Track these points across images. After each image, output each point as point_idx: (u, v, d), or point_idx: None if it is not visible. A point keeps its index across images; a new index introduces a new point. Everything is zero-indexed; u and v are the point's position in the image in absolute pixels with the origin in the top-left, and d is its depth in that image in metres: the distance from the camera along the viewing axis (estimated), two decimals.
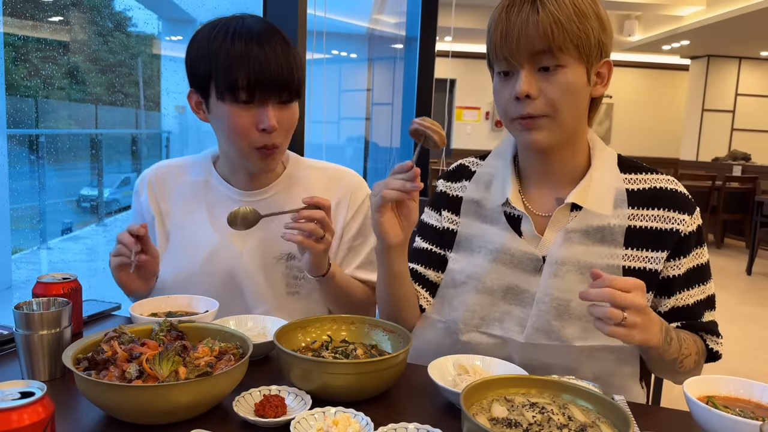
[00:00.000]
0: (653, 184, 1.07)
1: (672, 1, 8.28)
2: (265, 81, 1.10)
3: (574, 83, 0.98)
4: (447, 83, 4.57)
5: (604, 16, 1.00)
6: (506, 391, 0.78)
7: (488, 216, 1.12)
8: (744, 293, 5.67)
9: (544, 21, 0.95)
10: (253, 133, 1.14)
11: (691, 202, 1.07)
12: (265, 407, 0.80)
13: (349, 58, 6.84)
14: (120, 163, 4.98)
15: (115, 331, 0.89)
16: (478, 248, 1.11)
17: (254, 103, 1.12)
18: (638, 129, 11.72)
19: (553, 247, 1.04)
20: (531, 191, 1.11)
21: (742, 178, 7.83)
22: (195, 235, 1.26)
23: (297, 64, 1.15)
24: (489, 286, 1.08)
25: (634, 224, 1.04)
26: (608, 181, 1.05)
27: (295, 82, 1.14)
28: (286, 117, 1.16)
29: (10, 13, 2.96)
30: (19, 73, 3.16)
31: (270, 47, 1.11)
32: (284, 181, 1.29)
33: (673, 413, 0.92)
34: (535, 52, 0.96)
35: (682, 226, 1.04)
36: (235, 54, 1.09)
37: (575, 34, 0.96)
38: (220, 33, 1.12)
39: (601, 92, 1.05)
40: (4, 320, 1.10)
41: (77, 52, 3.59)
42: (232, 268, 1.24)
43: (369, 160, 6.20)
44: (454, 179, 1.21)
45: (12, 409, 0.59)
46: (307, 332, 1.03)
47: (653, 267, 1.04)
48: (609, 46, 1.02)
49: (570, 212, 1.06)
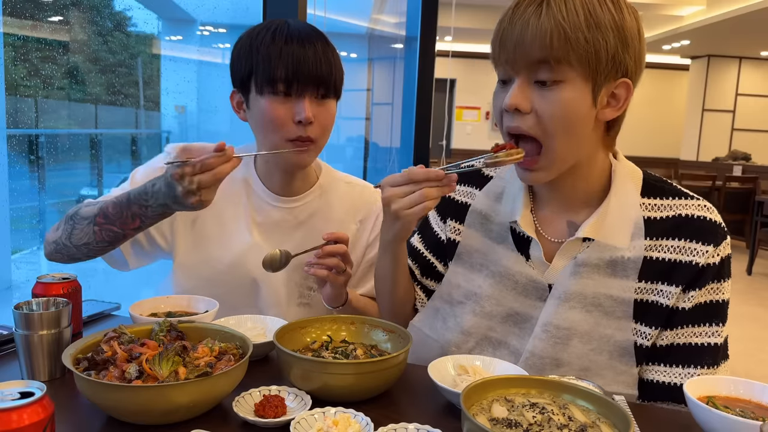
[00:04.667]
0: (678, 212, 0.96)
1: (672, 1, 8.28)
2: (304, 74, 1.12)
3: (573, 103, 0.86)
4: (447, 83, 4.56)
5: (632, 29, 0.86)
6: (506, 392, 0.78)
7: (495, 232, 1.05)
8: (744, 293, 5.67)
9: (544, 27, 0.83)
10: (290, 125, 1.14)
11: (720, 230, 0.95)
12: (265, 407, 0.80)
13: (349, 58, 6.84)
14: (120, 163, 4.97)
15: (115, 331, 0.89)
16: (480, 266, 1.06)
17: (292, 96, 1.13)
18: (638, 129, 11.71)
19: (561, 277, 0.97)
20: (543, 212, 1.03)
21: (742, 178, 7.84)
22: (230, 233, 1.25)
23: (336, 63, 1.17)
24: (488, 311, 1.03)
25: (650, 255, 0.95)
26: (626, 210, 0.96)
27: (333, 80, 1.17)
28: (323, 113, 1.17)
29: (10, 13, 2.96)
30: (19, 73, 3.16)
31: (310, 45, 1.13)
32: (318, 190, 1.30)
33: (673, 413, 0.92)
34: (533, 61, 0.86)
35: (701, 258, 0.93)
36: (275, 49, 1.12)
37: (581, 46, 0.83)
38: (263, 31, 1.15)
39: (611, 116, 0.92)
40: (4, 320, 1.10)
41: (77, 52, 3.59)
42: (257, 270, 1.21)
43: (369, 160, 6.20)
44: (466, 182, 1.14)
45: (12, 409, 0.59)
46: (307, 332, 1.03)
47: (665, 302, 0.94)
48: (632, 66, 0.88)
49: (582, 242, 0.97)
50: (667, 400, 0.97)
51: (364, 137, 6.57)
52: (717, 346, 0.96)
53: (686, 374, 0.95)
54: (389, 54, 6.00)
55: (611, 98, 0.90)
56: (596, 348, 0.96)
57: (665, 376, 0.97)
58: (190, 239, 1.26)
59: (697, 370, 0.95)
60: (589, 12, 0.83)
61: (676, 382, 0.96)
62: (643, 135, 11.76)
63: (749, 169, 8.69)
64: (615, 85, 0.89)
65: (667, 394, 0.97)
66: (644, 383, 0.98)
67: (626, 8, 0.88)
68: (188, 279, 1.25)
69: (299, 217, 1.27)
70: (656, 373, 0.97)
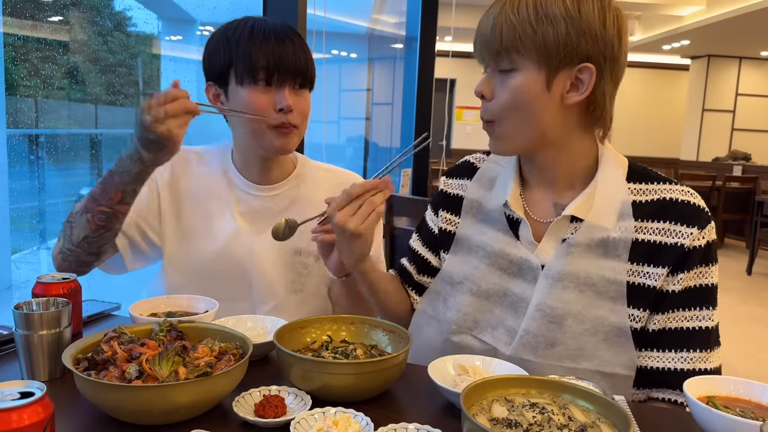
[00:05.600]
0: (662, 195, 1.00)
1: (672, 1, 8.28)
2: (284, 65, 1.17)
3: (523, 88, 0.94)
4: (447, 83, 4.56)
5: (590, 18, 0.91)
6: (506, 392, 0.78)
7: (488, 216, 1.10)
8: (744, 293, 5.67)
9: (497, 21, 0.93)
10: (271, 113, 1.19)
11: (704, 215, 0.98)
12: (265, 407, 0.80)
13: (349, 57, 6.84)
14: None
15: (115, 331, 0.89)
16: (476, 248, 1.10)
17: (272, 86, 1.18)
18: (638, 129, 11.72)
19: (554, 258, 1.00)
20: (532, 194, 1.08)
21: (742, 178, 7.84)
22: (215, 223, 1.28)
23: (310, 58, 1.24)
24: (485, 289, 1.06)
25: (639, 237, 0.98)
26: (613, 192, 1.00)
27: (309, 72, 1.23)
28: (301, 101, 1.22)
29: (10, 13, 2.96)
30: (19, 73, 3.16)
31: (288, 40, 1.19)
32: (295, 178, 1.33)
33: (673, 413, 0.92)
34: (493, 52, 0.95)
35: (687, 241, 0.96)
36: (255, 41, 1.17)
37: (528, 37, 0.91)
38: (240, 26, 1.20)
39: (577, 99, 0.95)
40: (4, 320, 1.10)
41: (77, 52, 3.59)
42: (245, 258, 1.26)
43: (369, 160, 6.20)
44: (456, 176, 1.19)
45: (12, 409, 0.59)
46: (307, 332, 1.03)
47: (652, 284, 0.97)
48: (590, 50, 0.92)
49: (570, 223, 1.01)
50: (663, 387, 0.98)
51: (364, 137, 6.57)
52: (708, 329, 0.97)
53: (679, 358, 0.97)
54: (389, 54, 6.01)
55: (575, 82, 0.95)
56: (590, 328, 0.97)
57: (659, 362, 0.98)
58: (176, 234, 1.28)
59: (689, 353, 0.97)
60: (538, 6, 0.92)
61: (670, 367, 0.97)
62: (642, 135, 11.77)
63: (749, 169, 8.69)
64: (576, 70, 0.94)
65: (662, 380, 0.98)
66: (638, 371, 0.99)
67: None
68: (177, 273, 1.26)
69: (280, 204, 1.30)
70: (650, 359, 0.99)
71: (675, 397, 0.97)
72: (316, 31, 2.98)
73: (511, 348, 1.00)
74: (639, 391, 1.00)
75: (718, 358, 0.98)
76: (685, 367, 0.96)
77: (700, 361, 0.97)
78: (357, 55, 6.91)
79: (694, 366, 0.96)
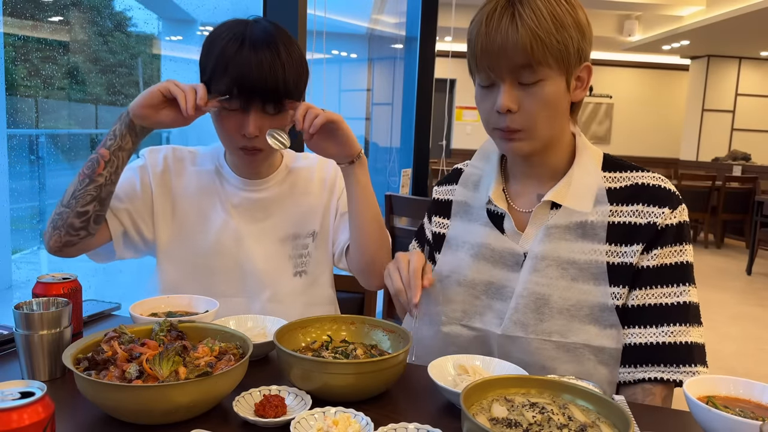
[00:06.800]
0: (635, 181, 1.06)
1: (672, 1, 8.28)
2: (248, 88, 1.13)
3: (554, 96, 0.98)
4: (447, 83, 4.55)
5: (584, 22, 0.99)
6: (506, 391, 0.78)
7: (474, 214, 1.15)
8: (744, 293, 5.67)
9: (523, 37, 0.93)
10: (237, 136, 1.20)
11: (675, 197, 1.04)
12: (265, 407, 0.80)
13: (349, 58, 6.84)
14: None
15: (115, 331, 0.89)
16: (462, 244, 1.14)
17: (237, 110, 1.17)
18: (638, 129, 11.72)
19: (534, 242, 1.05)
20: (514, 188, 1.13)
21: (742, 178, 7.84)
22: (209, 217, 1.30)
23: (290, 72, 1.16)
24: (471, 279, 1.10)
25: (614, 220, 1.04)
26: (588, 179, 1.06)
27: (282, 92, 1.15)
28: (269, 125, 1.18)
29: (10, 13, 2.96)
30: (19, 73, 3.16)
31: (264, 54, 1.13)
32: (284, 170, 1.37)
33: (673, 413, 0.92)
34: (516, 66, 0.96)
35: (659, 219, 1.02)
36: (224, 59, 1.14)
37: (555, 48, 0.94)
38: (222, 33, 1.17)
39: (581, 96, 1.05)
40: (4, 320, 1.10)
41: (77, 52, 3.58)
42: (236, 249, 1.28)
43: (369, 160, 6.19)
44: (446, 183, 1.25)
45: (12, 409, 0.59)
46: (307, 332, 1.03)
47: (629, 261, 1.02)
48: (588, 51, 1.01)
49: (550, 210, 1.07)
50: (648, 363, 1.01)
51: (364, 137, 6.56)
52: (686, 304, 1.02)
53: (660, 333, 1.01)
54: (389, 54, 6.00)
55: (577, 81, 1.03)
56: (576, 304, 1.02)
57: (641, 338, 1.02)
58: (171, 229, 1.29)
59: (669, 327, 1.01)
60: (554, 16, 0.95)
61: (652, 341, 1.01)
62: (642, 135, 11.77)
63: (749, 169, 8.69)
64: (580, 70, 1.02)
65: (646, 356, 1.01)
66: (624, 349, 1.03)
67: (573, 2, 0.99)
68: (173, 268, 1.28)
69: (272, 197, 1.33)
70: (632, 336, 1.03)
71: (662, 374, 1.00)
72: (316, 31, 2.98)
73: (501, 327, 1.05)
74: (626, 369, 1.03)
75: (699, 335, 1.02)
76: (666, 340, 1.00)
77: (680, 334, 1.00)
78: (357, 56, 6.91)
79: (674, 339, 1.00)
